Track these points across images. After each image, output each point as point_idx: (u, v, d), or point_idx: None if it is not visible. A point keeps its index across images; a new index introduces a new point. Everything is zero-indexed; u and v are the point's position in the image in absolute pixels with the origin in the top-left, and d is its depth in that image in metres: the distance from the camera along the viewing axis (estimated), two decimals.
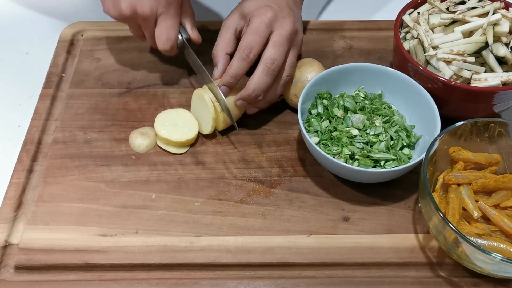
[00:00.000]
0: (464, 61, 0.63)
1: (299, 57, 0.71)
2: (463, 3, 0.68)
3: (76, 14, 0.87)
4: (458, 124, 0.59)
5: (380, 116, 0.65)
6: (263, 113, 0.71)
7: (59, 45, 0.80)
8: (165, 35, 0.66)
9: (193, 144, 0.68)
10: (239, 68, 0.64)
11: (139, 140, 0.67)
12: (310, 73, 0.68)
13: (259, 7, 0.65)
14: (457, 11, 0.67)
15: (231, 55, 0.67)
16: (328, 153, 0.60)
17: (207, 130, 0.67)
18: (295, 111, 0.64)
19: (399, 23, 0.70)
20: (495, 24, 0.63)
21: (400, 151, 0.63)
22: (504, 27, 0.63)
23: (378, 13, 0.88)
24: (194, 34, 0.69)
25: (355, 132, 0.63)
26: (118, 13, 0.64)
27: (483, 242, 0.54)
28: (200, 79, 0.73)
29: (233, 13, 0.69)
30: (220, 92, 0.64)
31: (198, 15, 0.73)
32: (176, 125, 0.67)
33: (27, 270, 0.57)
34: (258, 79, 0.63)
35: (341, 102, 0.66)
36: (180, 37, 0.68)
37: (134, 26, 0.68)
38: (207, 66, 0.67)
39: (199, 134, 0.68)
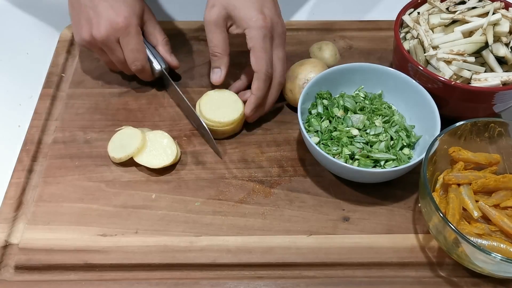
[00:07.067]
0: (464, 61, 0.63)
1: (298, 57, 0.71)
2: (463, 3, 0.68)
3: None
4: (458, 124, 0.59)
5: (380, 116, 0.65)
6: None
7: (59, 45, 0.80)
8: (131, 57, 0.67)
9: (193, 144, 0.68)
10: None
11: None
12: (310, 74, 0.68)
13: (251, 14, 0.62)
14: (457, 11, 0.67)
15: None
16: (328, 153, 0.60)
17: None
18: (295, 110, 0.64)
19: (399, 23, 0.70)
20: (495, 24, 0.63)
21: (400, 151, 0.63)
22: (504, 27, 0.63)
23: (378, 13, 0.88)
24: (171, 60, 0.72)
25: (355, 132, 0.63)
26: (80, 40, 0.67)
27: (483, 242, 0.54)
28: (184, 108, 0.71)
29: (216, 8, 0.63)
30: (203, 122, 0.65)
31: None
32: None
33: (27, 270, 0.57)
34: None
35: (341, 102, 0.66)
36: (158, 67, 0.70)
37: (99, 52, 0.69)
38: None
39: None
